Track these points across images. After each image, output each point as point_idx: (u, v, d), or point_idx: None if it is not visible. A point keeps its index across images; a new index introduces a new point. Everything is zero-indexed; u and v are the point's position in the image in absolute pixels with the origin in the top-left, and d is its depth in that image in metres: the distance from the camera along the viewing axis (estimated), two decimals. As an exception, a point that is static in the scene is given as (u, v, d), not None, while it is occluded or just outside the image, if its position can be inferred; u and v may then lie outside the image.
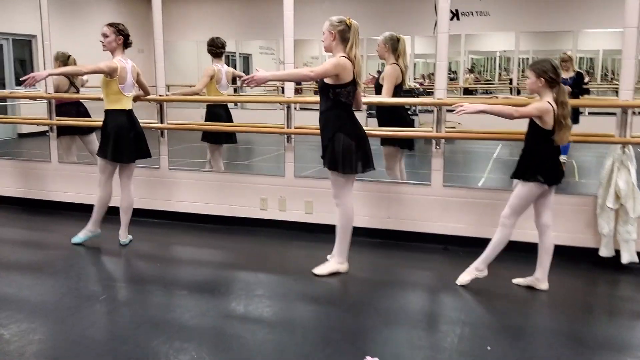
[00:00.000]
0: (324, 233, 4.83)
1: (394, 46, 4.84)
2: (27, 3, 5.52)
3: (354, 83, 3.79)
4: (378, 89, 4.96)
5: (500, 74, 15.21)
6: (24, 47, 11.86)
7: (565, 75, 6.82)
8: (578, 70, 6.98)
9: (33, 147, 7.84)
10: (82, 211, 5.63)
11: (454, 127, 9.92)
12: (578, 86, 6.60)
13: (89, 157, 6.18)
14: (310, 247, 4.74)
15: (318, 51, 14.06)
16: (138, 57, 5.78)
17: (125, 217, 4.71)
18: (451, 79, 15.78)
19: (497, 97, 4.71)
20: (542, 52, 13.30)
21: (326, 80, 3.78)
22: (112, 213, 4.76)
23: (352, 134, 3.80)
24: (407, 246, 4.64)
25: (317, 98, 3.95)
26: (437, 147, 4.53)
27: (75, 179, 5.74)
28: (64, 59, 6.05)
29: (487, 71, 16.08)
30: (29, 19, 5.59)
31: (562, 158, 6.77)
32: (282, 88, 14.21)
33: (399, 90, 4.89)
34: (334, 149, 3.78)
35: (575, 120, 6.17)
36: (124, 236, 4.73)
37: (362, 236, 4.61)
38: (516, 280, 3.85)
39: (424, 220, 4.65)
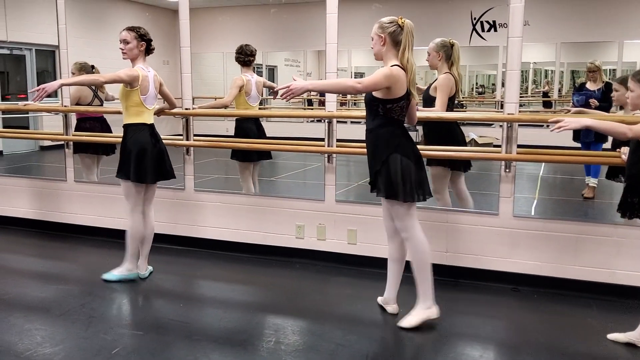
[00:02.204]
0: (369, 267, 4.26)
1: (448, 53, 4.23)
2: (50, 13, 5.20)
3: (407, 96, 3.18)
4: (427, 102, 4.35)
5: (532, 87, 14.51)
6: (47, 57, 11.59)
7: (593, 87, 6.16)
8: (608, 80, 6.25)
9: (53, 161, 7.39)
10: (98, 235, 5.15)
11: (491, 143, 9.31)
12: (607, 99, 5.93)
13: (104, 173, 5.70)
14: (354, 284, 4.12)
15: (346, 62, 13.58)
16: (163, 69, 5.30)
17: (145, 247, 4.16)
18: (479, 93, 15.20)
19: (568, 110, 4.07)
20: (580, 64, 12.63)
21: (375, 94, 3.17)
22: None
23: (410, 154, 3.20)
24: (469, 286, 3.99)
25: (362, 113, 3.36)
26: (507, 170, 3.88)
27: (92, 199, 5.23)
28: (87, 71, 5.61)
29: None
30: (52, 29, 5.26)
31: (592, 182, 6.16)
32: (309, 100, 13.91)
33: (452, 103, 4.27)
34: (389, 174, 3.17)
35: (604, 139, 5.48)
36: (143, 268, 4.18)
37: (415, 273, 3.98)
38: (613, 336, 3.16)
39: (489, 256, 3.99)
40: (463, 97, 13.73)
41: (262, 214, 4.66)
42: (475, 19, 11.81)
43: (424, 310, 3.30)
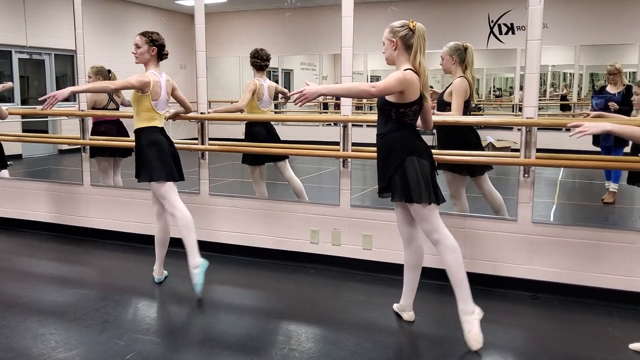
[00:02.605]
0: (384, 273, 4.21)
1: (462, 57, 4.18)
2: (69, 18, 5.28)
3: (420, 101, 3.13)
4: (441, 106, 4.29)
5: (550, 90, 14.34)
6: (66, 62, 11.73)
7: (613, 90, 6.05)
8: (629, 83, 6.13)
9: (71, 165, 7.45)
10: (115, 239, 5.16)
11: (509, 147, 9.17)
12: (627, 102, 5.82)
13: (125, 177, 5.72)
14: (369, 290, 4.07)
15: (362, 66, 13.54)
16: (180, 73, 5.32)
17: (160, 251, 4.15)
18: (496, 96, 15.05)
19: (588, 114, 4.01)
20: (600, 67, 12.45)
21: (388, 98, 3.13)
22: (147, 242, 4.23)
23: (425, 156, 3.15)
24: (487, 293, 3.91)
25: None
26: (526, 175, 3.81)
27: (108, 203, 5.25)
28: (104, 75, 5.65)
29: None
30: (70, 34, 5.32)
31: (613, 187, 6.03)
32: (324, 104, 13.87)
33: (466, 107, 4.22)
34: (406, 177, 3.11)
35: (625, 143, 5.36)
36: (159, 272, 4.19)
37: (433, 279, 3.92)
38: (634, 346, 3.08)
39: (507, 263, 3.92)
40: (479, 101, 13.62)
41: (276, 219, 4.64)
42: (492, 21, 11.70)
43: (470, 316, 3.12)
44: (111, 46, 9.93)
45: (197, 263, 3.86)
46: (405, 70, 3.08)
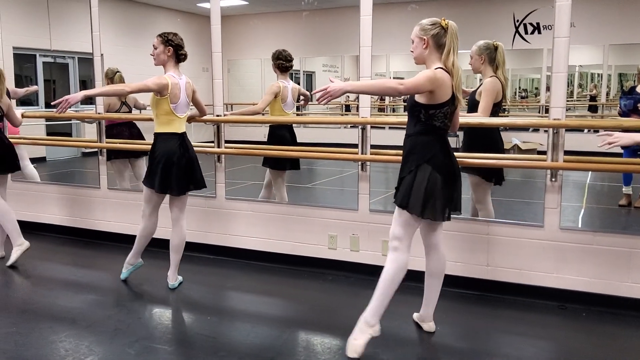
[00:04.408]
0: (405, 280, 4.01)
1: (492, 56, 4.01)
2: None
3: (452, 101, 2.98)
4: (472, 107, 4.12)
5: (578, 91, 13.98)
6: (89, 65, 11.79)
7: None
8: None
9: (92, 168, 7.49)
10: (131, 243, 5.07)
11: (535, 149, 8.92)
12: None
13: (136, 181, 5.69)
14: (389, 298, 3.93)
15: (385, 67, 13.39)
16: (203, 76, 5.24)
17: (175, 257, 4.08)
18: (522, 97, 14.74)
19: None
20: (629, 67, 12.09)
21: (417, 99, 2.98)
22: (163, 247, 4.17)
23: (441, 169, 2.99)
24: (512, 302, 3.74)
25: (397, 119, 3.17)
26: (553, 179, 3.63)
27: (125, 207, 5.20)
28: (112, 76, 5.62)
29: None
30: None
31: (626, 190, 5.77)
32: (347, 106, 13.73)
33: (497, 109, 4.04)
34: (413, 182, 2.98)
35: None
36: (173, 278, 4.11)
37: (455, 287, 3.78)
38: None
39: (533, 271, 3.74)
40: (504, 103, 13.32)
41: (294, 224, 4.53)
42: (518, 21, 11.46)
43: (369, 328, 3.05)
44: (133, 49, 9.96)
45: (133, 262, 4.23)
46: (436, 68, 2.94)
